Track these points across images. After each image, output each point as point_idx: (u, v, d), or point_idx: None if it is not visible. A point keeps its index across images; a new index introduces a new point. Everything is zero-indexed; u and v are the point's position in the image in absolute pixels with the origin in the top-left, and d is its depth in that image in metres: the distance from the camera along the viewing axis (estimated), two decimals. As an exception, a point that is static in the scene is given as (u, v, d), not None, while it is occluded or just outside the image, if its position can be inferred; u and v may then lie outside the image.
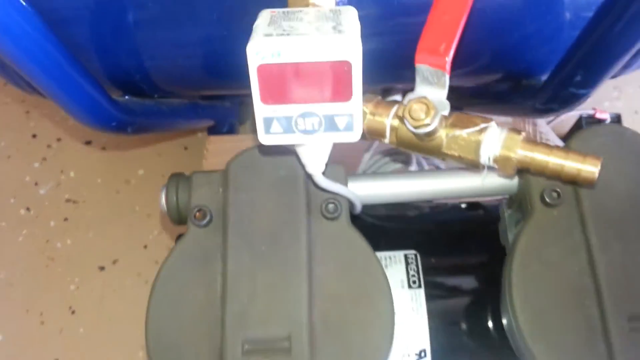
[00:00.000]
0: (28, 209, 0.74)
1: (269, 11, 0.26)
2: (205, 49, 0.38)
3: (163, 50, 0.39)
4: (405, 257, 0.39)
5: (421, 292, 0.37)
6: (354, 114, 0.24)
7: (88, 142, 0.77)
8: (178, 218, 0.35)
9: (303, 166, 0.29)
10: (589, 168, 0.28)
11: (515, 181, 0.34)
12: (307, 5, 0.27)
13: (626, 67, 0.41)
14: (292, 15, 0.25)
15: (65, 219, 0.73)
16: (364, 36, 0.25)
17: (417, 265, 0.38)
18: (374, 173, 0.46)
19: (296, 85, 0.23)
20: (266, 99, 0.24)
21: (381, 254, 0.38)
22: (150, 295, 0.32)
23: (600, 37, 0.31)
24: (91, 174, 0.75)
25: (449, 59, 0.28)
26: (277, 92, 0.24)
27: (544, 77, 0.39)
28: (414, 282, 0.38)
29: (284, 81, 0.23)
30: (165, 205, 0.35)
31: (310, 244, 0.31)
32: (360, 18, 0.26)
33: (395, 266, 0.38)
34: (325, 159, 0.28)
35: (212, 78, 0.41)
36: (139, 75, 0.41)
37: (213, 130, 0.65)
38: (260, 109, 0.24)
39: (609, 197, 0.31)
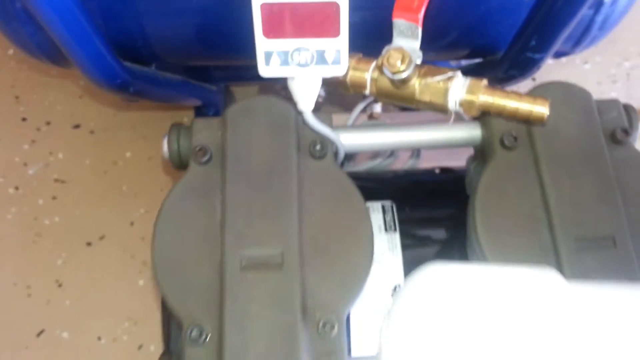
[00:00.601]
0: (17, 187, 0.76)
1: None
2: (200, 17, 0.43)
3: (160, 17, 0.43)
4: (383, 206, 0.43)
5: (396, 235, 0.42)
6: (341, 49, 0.29)
7: (77, 126, 0.80)
8: (179, 162, 0.39)
9: (295, 104, 0.33)
10: (539, 108, 0.33)
11: (479, 132, 0.39)
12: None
13: (578, 43, 0.47)
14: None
15: (54, 198, 0.75)
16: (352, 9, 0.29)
17: (392, 213, 0.43)
18: (357, 125, 0.50)
19: (292, 22, 0.28)
20: (267, 32, 0.28)
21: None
22: (155, 223, 0.35)
23: (549, 7, 0.36)
24: (79, 156, 0.78)
25: (420, 15, 0.33)
26: (276, 27, 0.28)
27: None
28: (390, 226, 0.42)
29: (282, 18, 0.28)
30: (167, 151, 0.39)
31: (300, 179, 0.35)
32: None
33: (374, 214, 0.43)
34: (315, 97, 0.32)
35: (204, 46, 0.45)
36: (139, 41, 0.45)
37: (199, 113, 0.69)
38: (261, 43, 0.28)
39: (558, 140, 0.36)
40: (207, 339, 0.32)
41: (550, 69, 0.84)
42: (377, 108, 0.48)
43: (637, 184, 0.35)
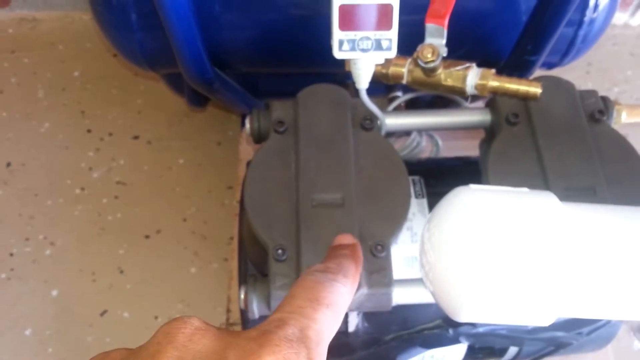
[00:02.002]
0: (83, 188, 0.87)
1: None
2: (273, 32, 0.55)
3: (241, 30, 0.55)
4: (412, 179, 0.54)
5: (425, 201, 0.52)
6: (392, 39, 0.41)
7: (136, 137, 0.91)
8: (258, 135, 0.50)
9: (355, 83, 0.44)
10: (534, 88, 0.44)
11: (489, 117, 0.50)
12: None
13: (565, 55, 0.59)
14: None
15: (116, 197, 0.86)
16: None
17: (421, 184, 0.54)
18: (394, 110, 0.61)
19: (359, 18, 0.40)
20: (341, 26, 0.40)
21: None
22: (244, 177, 0.46)
23: (540, 19, 0.49)
24: (138, 162, 0.89)
25: (446, 20, 0.45)
26: (347, 22, 0.40)
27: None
28: (419, 194, 0.53)
29: (352, 15, 0.39)
30: (249, 127, 0.50)
31: (354, 145, 0.46)
32: None
33: (405, 184, 0.54)
34: (369, 78, 0.44)
35: (276, 56, 0.57)
36: (222, 49, 0.57)
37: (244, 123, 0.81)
38: (337, 34, 0.40)
39: (550, 117, 0.47)
40: (287, 257, 0.42)
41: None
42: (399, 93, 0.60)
43: (611, 150, 0.46)
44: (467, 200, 0.35)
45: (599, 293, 0.34)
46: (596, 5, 0.54)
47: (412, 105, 0.69)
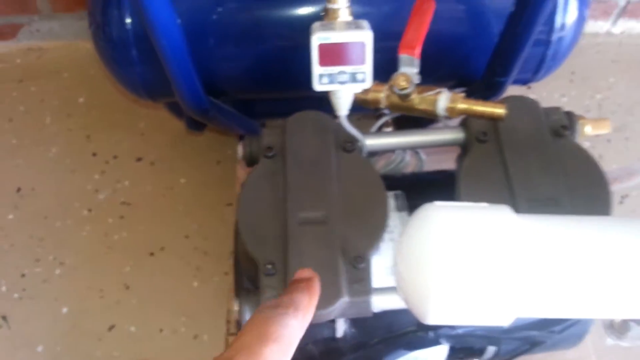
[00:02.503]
0: (90, 210, 0.92)
1: (317, 23, 0.47)
2: (266, 61, 0.59)
3: (232, 62, 0.60)
4: (395, 194, 0.58)
5: (406, 214, 0.56)
6: (366, 72, 0.45)
7: (139, 159, 0.96)
8: (250, 159, 0.54)
9: (335, 111, 0.49)
10: (498, 110, 0.48)
11: (462, 134, 0.54)
12: (336, 18, 0.49)
13: (537, 72, 0.63)
14: (329, 25, 0.46)
15: (121, 217, 0.91)
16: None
17: (403, 199, 0.58)
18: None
19: (336, 55, 0.44)
20: (321, 62, 0.44)
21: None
22: (238, 199, 0.51)
23: (507, 44, 0.53)
24: (142, 183, 0.94)
25: (417, 50, 0.49)
26: (326, 58, 0.44)
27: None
28: (401, 208, 0.57)
29: (330, 52, 0.44)
30: (242, 152, 0.54)
31: (337, 165, 0.51)
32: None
33: (389, 199, 0.58)
34: (349, 106, 0.48)
35: (265, 84, 0.62)
36: (216, 79, 0.61)
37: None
38: (317, 69, 0.45)
39: (516, 134, 0.51)
40: (276, 271, 0.47)
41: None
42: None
43: (573, 162, 0.50)
44: (431, 217, 0.39)
45: (550, 295, 0.38)
46: (562, 26, 0.59)
47: (400, 122, 0.73)
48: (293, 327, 0.31)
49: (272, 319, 0.31)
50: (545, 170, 0.50)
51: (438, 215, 0.39)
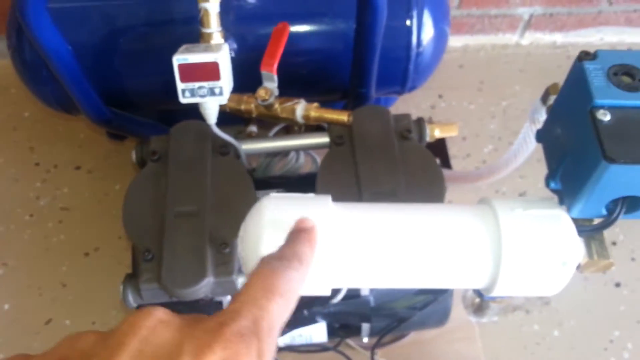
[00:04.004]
0: (31, 215, 0.99)
1: (184, 46, 0.56)
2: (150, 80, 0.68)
3: (127, 81, 0.68)
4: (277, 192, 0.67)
5: (283, 209, 0.65)
6: (222, 87, 0.53)
7: (78, 168, 1.04)
8: (141, 164, 0.62)
9: (206, 121, 0.57)
10: (343, 117, 0.57)
11: (327, 139, 0.63)
12: (209, 41, 0.57)
13: (403, 86, 0.72)
14: (194, 47, 0.55)
15: (60, 221, 0.98)
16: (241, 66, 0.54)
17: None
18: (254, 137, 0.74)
19: (195, 73, 0.52)
20: (182, 79, 0.53)
21: (261, 192, 0.66)
22: (125, 194, 0.59)
23: (357, 58, 0.61)
24: (80, 190, 1.01)
25: (274, 67, 0.57)
26: (187, 76, 0.52)
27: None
28: (280, 204, 0.65)
29: (189, 70, 0.52)
30: (134, 157, 0.62)
31: (212, 167, 0.59)
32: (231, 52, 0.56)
33: (269, 196, 0.66)
34: (216, 115, 0.57)
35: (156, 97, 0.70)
36: (121, 95, 0.70)
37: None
38: (179, 85, 0.53)
39: (367, 138, 0.60)
40: (153, 257, 0.55)
41: (444, 110, 1.09)
42: (253, 128, 0.72)
43: (414, 161, 0.59)
44: (262, 204, 0.47)
45: (357, 267, 0.46)
46: (419, 43, 0.67)
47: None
48: (297, 280, 0.31)
49: (277, 272, 0.31)
50: (389, 167, 0.58)
51: (268, 203, 0.47)
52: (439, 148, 0.97)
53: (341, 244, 0.46)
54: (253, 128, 0.68)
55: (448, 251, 0.45)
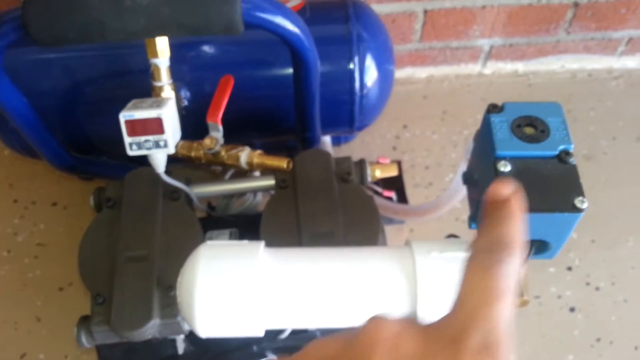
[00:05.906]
0: (9, 251, 1.03)
1: (132, 101, 0.59)
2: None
3: (86, 131, 0.72)
4: (230, 232, 0.70)
5: (235, 248, 0.68)
6: (167, 139, 0.57)
7: (54, 204, 1.07)
8: (98, 209, 0.66)
9: (155, 169, 0.61)
10: (281, 163, 0.61)
11: (273, 182, 0.67)
12: (160, 94, 0.61)
13: (350, 127, 0.76)
14: (141, 103, 0.59)
15: (36, 257, 1.02)
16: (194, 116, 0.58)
17: (236, 235, 0.70)
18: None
19: (140, 128, 0.56)
20: (129, 134, 0.56)
21: (216, 232, 0.70)
22: (81, 240, 0.62)
23: (297, 105, 0.65)
24: (56, 226, 1.05)
25: (219, 118, 0.61)
26: (133, 131, 0.56)
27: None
28: (232, 243, 0.69)
29: (135, 126, 0.56)
30: (92, 202, 0.66)
31: (163, 212, 0.63)
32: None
33: (222, 236, 0.70)
34: (164, 164, 0.60)
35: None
36: (82, 142, 0.74)
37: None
38: (127, 139, 0.57)
39: (309, 181, 0.64)
40: (104, 301, 0.58)
41: (408, 140, 1.13)
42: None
43: (353, 202, 0.63)
44: (198, 252, 0.51)
45: (289, 312, 0.50)
46: (362, 86, 0.71)
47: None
48: (511, 274, 0.27)
49: (490, 271, 0.27)
50: (328, 209, 0.62)
51: (203, 251, 0.51)
52: (396, 182, 1.00)
53: (269, 290, 0.50)
54: (217, 167, 0.72)
55: (368, 294, 0.49)
